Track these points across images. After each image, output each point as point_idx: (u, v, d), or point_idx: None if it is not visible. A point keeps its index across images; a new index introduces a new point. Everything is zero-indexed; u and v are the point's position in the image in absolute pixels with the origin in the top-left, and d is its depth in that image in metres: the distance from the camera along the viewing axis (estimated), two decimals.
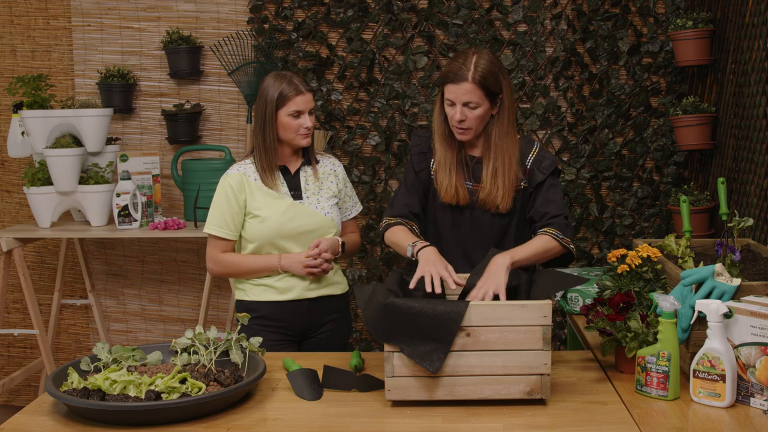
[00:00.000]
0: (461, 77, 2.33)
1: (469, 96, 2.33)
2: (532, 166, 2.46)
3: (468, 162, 2.47)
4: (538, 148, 2.49)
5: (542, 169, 2.45)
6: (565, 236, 2.37)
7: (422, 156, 2.52)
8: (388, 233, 2.47)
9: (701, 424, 1.88)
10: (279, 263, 2.57)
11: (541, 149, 2.49)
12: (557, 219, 2.39)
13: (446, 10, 3.89)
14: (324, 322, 2.67)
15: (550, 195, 2.43)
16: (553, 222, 2.39)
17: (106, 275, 4.30)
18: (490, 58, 2.37)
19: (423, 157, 2.52)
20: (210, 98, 4.12)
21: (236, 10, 4.04)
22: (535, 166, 2.45)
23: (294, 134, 2.57)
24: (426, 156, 2.51)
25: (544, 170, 2.44)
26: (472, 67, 2.33)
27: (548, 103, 3.90)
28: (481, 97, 2.35)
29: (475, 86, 2.33)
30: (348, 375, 2.16)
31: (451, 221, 2.49)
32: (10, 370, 4.34)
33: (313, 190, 2.64)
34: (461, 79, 2.33)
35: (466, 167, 2.46)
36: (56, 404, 2.03)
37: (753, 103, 3.11)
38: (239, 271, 2.61)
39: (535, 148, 2.48)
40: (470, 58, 2.35)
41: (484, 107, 2.37)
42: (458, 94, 2.34)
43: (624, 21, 3.85)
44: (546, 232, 2.36)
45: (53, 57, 4.17)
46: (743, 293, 2.06)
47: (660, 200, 3.92)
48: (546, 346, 1.97)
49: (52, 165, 3.61)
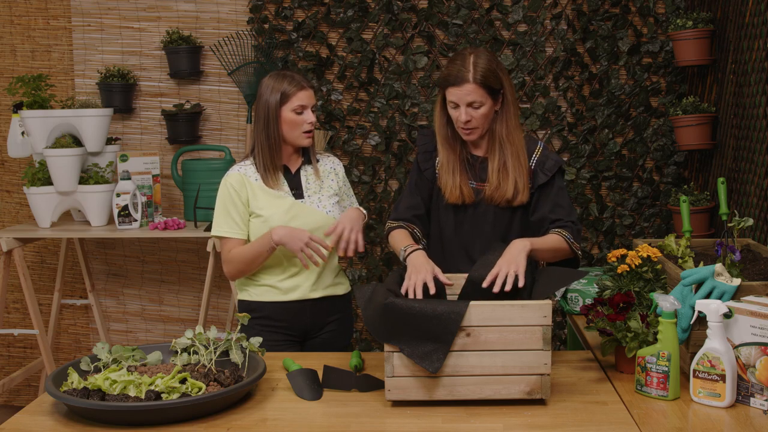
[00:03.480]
0: (462, 79, 2.34)
1: (472, 96, 2.34)
2: (535, 167, 2.46)
3: (472, 162, 2.47)
4: (542, 148, 2.48)
5: (546, 170, 2.45)
6: (576, 241, 2.39)
7: (428, 155, 2.53)
8: (390, 237, 2.51)
9: (701, 424, 1.88)
10: (270, 238, 2.49)
11: (545, 149, 2.49)
12: (569, 224, 2.40)
13: (446, 10, 3.89)
14: (326, 322, 2.67)
15: (559, 199, 2.44)
16: (566, 225, 2.40)
17: (106, 275, 4.30)
18: (487, 56, 2.38)
19: (428, 155, 2.53)
20: (210, 98, 4.12)
21: (236, 10, 4.04)
22: (538, 167, 2.45)
23: (298, 131, 2.56)
24: (432, 155, 2.52)
25: (547, 171, 2.45)
26: (472, 68, 2.34)
27: (548, 103, 3.90)
28: (484, 96, 2.35)
29: (477, 86, 2.33)
30: (348, 375, 2.16)
31: (454, 219, 2.49)
32: (10, 370, 4.34)
33: (314, 189, 2.64)
34: (462, 81, 2.33)
35: (470, 167, 2.47)
36: (56, 404, 2.03)
37: (753, 103, 3.11)
38: (243, 262, 2.56)
39: (538, 148, 2.48)
40: (468, 59, 2.36)
41: (488, 105, 2.38)
42: (461, 95, 2.35)
43: (624, 21, 3.85)
44: (560, 233, 2.37)
45: (53, 57, 4.18)
46: (743, 293, 2.06)
47: (660, 200, 3.92)
48: (546, 346, 1.97)
49: (52, 165, 3.61)
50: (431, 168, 2.52)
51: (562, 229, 2.38)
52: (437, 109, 2.47)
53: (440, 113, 2.46)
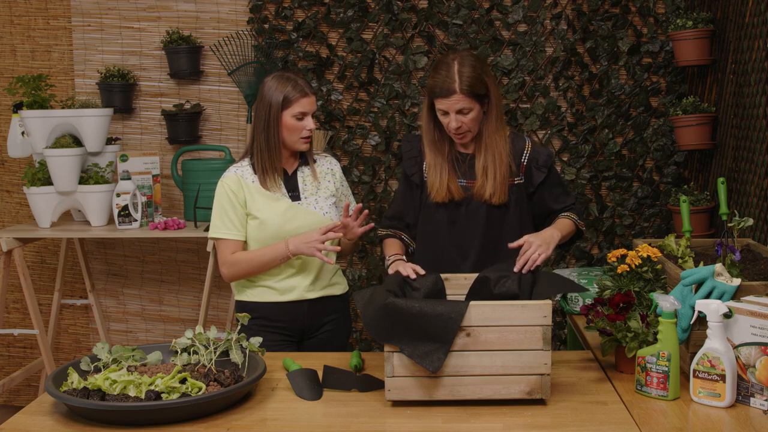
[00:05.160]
0: (449, 90, 2.39)
1: (461, 104, 2.40)
2: (528, 164, 2.52)
3: (460, 160, 2.52)
4: (531, 145, 2.56)
5: (541, 167, 2.52)
6: (580, 219, 2.57)
7: (413, 161, 2.59)
8: (383, 246, 2.62)
9: (701, 424, 1.88)
10: (287, 249, 2.50)
11: (534, 145, 2.56)
12: (573, 207, 2.58)
13: (446, 10, 3.89)
14: (324, 322, 2.67)
15: (559, 189, 2.57)
16: (572, 208, 2.58)
17: (106, 275, 4.30)
18: (472, 63, 2.42)
19: (414, 161, 2.58)
20: (210, 98, 4.12)
21: (236, 10, 4.04)
22: (532, 164, 2.52)
23: (297, 137, 2.56)
24: (417, 160, 2.58)
25: (542, 168, 2.52)
26: (457, 78, 2.38)
27: (548, 103, 3.90)
28: (472, 102, 2.41)
29: (464, 95, 2.39)
30: (348, 375, 2.16)
31: (446, 218, 2.53)
32: (10, 370, 4.34)
33: (311, 191, 2.63)
34: (450, 93, 2.39)
35: (459, 165, 2.52)
36: (56, 404, 2.03)
37: (753, 103, 3.11)
38: (252, 267, 2.55)
39: (528, 145, 2.55)
40: (453, 68, 2.40)
41: (476, 110, 2.43)
42: (450, 104, 2.40)
43: (624, 21, 3.85)
44: (569, 216, 2.54)
45: (53, 57, 4.18)
46: (743, 293, 2.06)
47: (660, 200, 3.92)
48: (546, 346, 1.97)
49: (52, 165, 3.61)
50: (418, 173, 2.57)
51: (570, 212, 2.55)
52: (424, 114, 2.52)
53: (427, 117, 2.51)
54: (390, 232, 2.62)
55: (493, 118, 2.47)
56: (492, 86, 2.45)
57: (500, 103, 2.50)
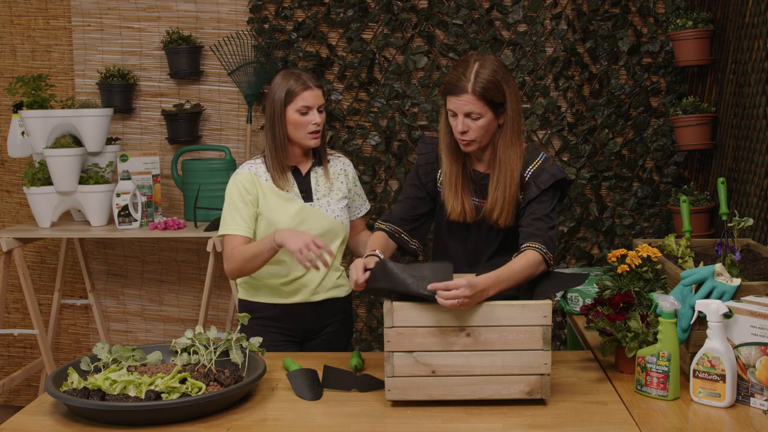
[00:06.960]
0: (460, 89, 2.21)
1: (470, 107, 2.22)
2: (530, 179, 2.31)
3: (474, 178, 2.36)
4: (542, 160, 2.33)
5: (538, 184, 2.29)
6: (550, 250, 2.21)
7: (429, 167, 2.42)
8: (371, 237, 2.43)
9: (701, 424, 1.88)
10: (273, 238, 2.41)
11: (545, 161, 2.33)
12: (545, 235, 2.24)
13: (446, 10, 3.89)
14: (327, 324, 2.66)
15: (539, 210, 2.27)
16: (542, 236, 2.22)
17: (106, 275, 4.30)
18: (493, 67, 2.23)
19: (430, 167, 2.42)
20: (210, 98, 4.12)
21: (236, 10, 4.04)
22: (532, 179, 2.31)
23: (303, 132, 2.51)
24: (433, 167, 2.41)
25: (540, 185, 2.29)
26: (473, 78, 2.21)
27: (548, 103, 3.90)
28: (484, 108, 2.23)
29: (476, 97, 2.21)
30: (348, 375, 2.16)
31: (459, 236, 2.42)
32: (10, 370, 4.34)
33: (323, 192, 2.60)
34: (460, 91, 2.21)
35: (473, 183, 2.36)
36: (56, 404, 2.03)
37: (753, 103, 3.11)
38: (242, 259, 2.47)
39: (537, 160, 2.33)
40: (471, 67, 2.23)
41: (487, 118, 2.24)
42: (459, 105, 2.22)
43: (624, 21, 3.85)
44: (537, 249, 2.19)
45: (53, 57, 4.17)
46: (743, 293, 2.06)
47: (660, 200, 3.92)
48: (546, 346, 1.97)
49: (52, 165, 3.61)
50: (432, 181, 2.42)
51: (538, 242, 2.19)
52: (442, 118, 2.35)
53: (445, 122, 2.33)
54: (385, 227, 2.42)
55: (508, 132, 2.27)
56: (511, 97, 2.25)
57: (519, 118, 2.28)
